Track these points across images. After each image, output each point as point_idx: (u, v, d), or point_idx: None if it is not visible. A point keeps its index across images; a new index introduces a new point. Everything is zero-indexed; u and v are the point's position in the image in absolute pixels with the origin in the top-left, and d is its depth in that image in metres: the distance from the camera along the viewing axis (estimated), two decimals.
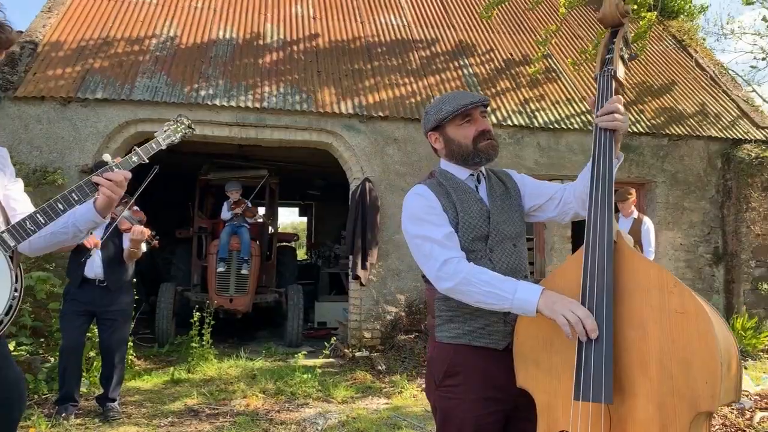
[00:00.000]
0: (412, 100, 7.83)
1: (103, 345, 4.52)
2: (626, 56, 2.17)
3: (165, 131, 2.11)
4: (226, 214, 8.17)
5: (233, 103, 7.13)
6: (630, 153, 8.10)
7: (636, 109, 8.58)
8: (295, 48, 8.42)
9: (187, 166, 9.37)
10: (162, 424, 4.42)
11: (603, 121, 1.93)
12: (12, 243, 1.67)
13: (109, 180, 1.79)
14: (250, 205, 8.33)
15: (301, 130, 7.47)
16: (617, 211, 6.52)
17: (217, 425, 4.39)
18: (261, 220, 9.14)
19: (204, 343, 6.25)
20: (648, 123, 8.35)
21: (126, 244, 4.39)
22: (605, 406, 1.72)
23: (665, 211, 8.20)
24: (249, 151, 9.35)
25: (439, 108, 2.08)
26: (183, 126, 2.17)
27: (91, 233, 4.26)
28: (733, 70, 12.82)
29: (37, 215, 1.71)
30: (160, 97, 6.97)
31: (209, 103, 7.05)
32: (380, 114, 7.50)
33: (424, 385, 5.67)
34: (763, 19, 7.62)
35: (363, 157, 7.45)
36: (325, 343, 6.39)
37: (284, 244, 10.18)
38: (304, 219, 19.16)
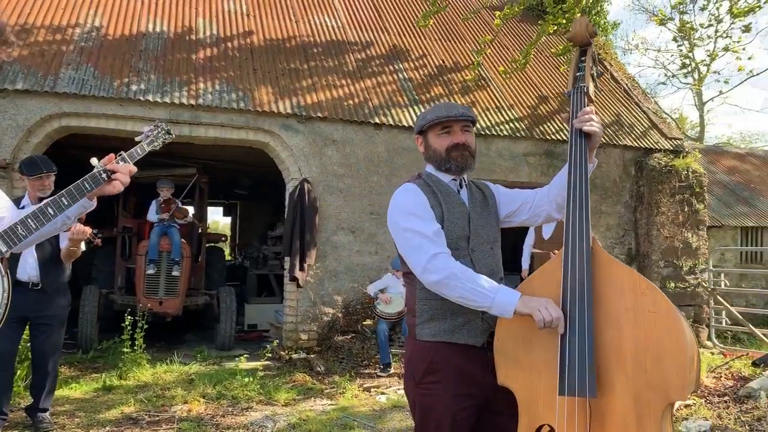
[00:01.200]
0: (350, 102, 7.88)
1: (36, 352, 4.25)
2: (595, 73, 2.35)
3: (148, 137, 2.09)
4: (153, 214, 7.83)
5: (167, 99, 6.89)
6: (554, 159, 8.56)
7: (559, 117, 9.06)
8: (229, 44, 8.25)
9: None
10: None
11: (580, 123, 2.09)
12: (4, 249, 1.59)
13: (122, 173, 1.79)
14: (180, 205, 8.05)
15: (237, 129, 7.33)
16: None
17: None
18: (190, 220, 8.87)
19: (136, 347, 6.01)
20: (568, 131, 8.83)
21: (64, 243, 4.14)
22: (586, 399, 1.85)
23: None
24: (176, 148, 9.05)
25: (424, 115, 2.22)
26: (164, 131, 2.15)
27: None
28: (640, 85, 13.74)
29: (29, 220, 1.66)
30: (88, 90, 6.62)
31: (141, 98, 6.78)
32: (319, 115, 7.49)
33: (365, 384, 5.77)
34: (674, 39, 8.28)
35: (301, 157, 7.41)
36: (267, 345, 6.31)
37: (213, 244, 9.93)
38: (222, 218, 18.73)
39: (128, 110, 6.72)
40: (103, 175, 1.77)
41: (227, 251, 16.36)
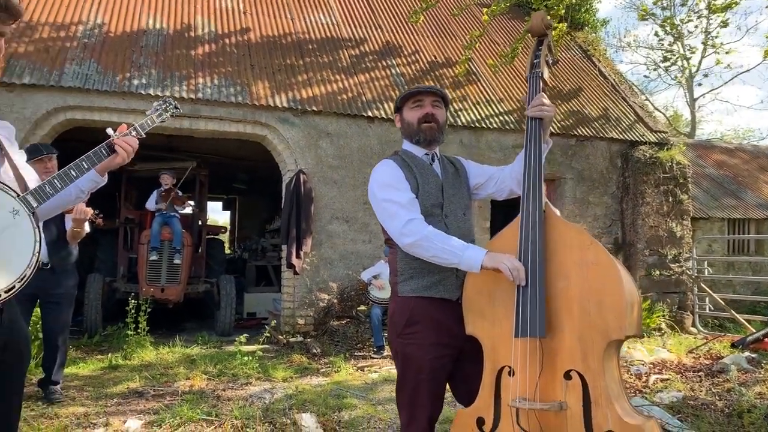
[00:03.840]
0: (344, 96, 8.16)
1: (47, 328, 4.53)
2: (550, 61, 2.64)
3: (157, 110, 2.32)
4: (152, 203, 8.10)
5: (167, 93, 7.16)
6: None
7: None
8: (227, 41, 8.53)
9: None
10: (109, 404, 4.51)
11: (532, 111, 2.39)
12: (35, 204, 1.84)
13: (127, 144, 2.02)
14: (180, 193, 8.34)
15: (235, 122, 7.61)
16: None
17: (166, 403, 4.53)
18: (190, 211, 9.16)
19: (140, 330, 6.29)
20: (558, 124, 9.14)
21: (69, 225, 4.42)
22: (539, 341, 2.14)
23: (573, 205, 9.02)
24: (177, 142, 9.35)
25: (401, 94, 2.53)
26: (171, 106, 2.39)
27: None
28: (629, 80, 14.03)
29: (55, 180, 1.90)
30: (92, 85, 6.90)
31: (143, 92, 7.05)
32: (314, 108, 7.78)
33: (359, 365, 6.06)
34: (656, 34, 8.58)
35: (297, 149, 7.70)
36: (266, 326, 6.58)
37: (213, 236, 10.22)
38: (222, 213, 18.99)
39: (130, 104, 6.99)
40: (110, 145, 2.01)
41: (226, 245, 16.64)
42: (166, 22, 8.46)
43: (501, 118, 8.83)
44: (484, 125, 8.61)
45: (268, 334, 6.28)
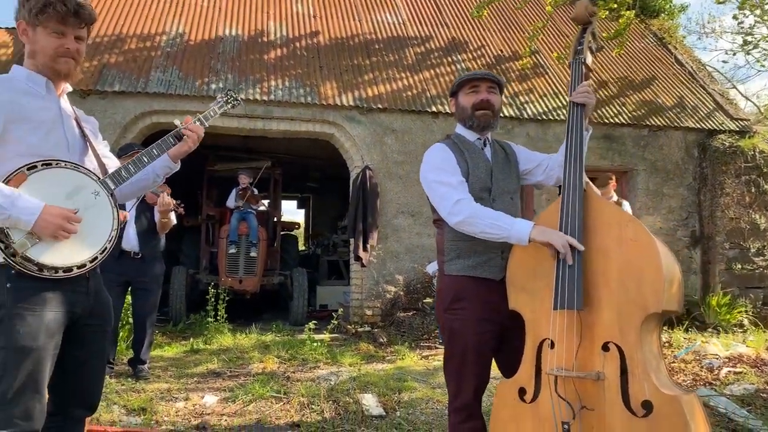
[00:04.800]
0: (409, 93, 8.34)
1: (137, 311, 5.00)
2: (594, 47, 2.71)
3: (219, 103, 2.57)
4: (231, 201, 8.67)
5: (242, 96, 7.59)
6: (613, 143, 8.66)
7: (618, 101, 9.13)
8: (297, 45, 8.91)
9: (190, 157, 9.86)
10: (190, 382, 4.91)
11: (578, 97, 2.45)
12: (113, 186, 2.13)
13: (193, 131, 2.27)
14: (256, 191, 8.83)
15: (305, 122, 7.96)
16: None
17: (240, 382, 4.88)
18: (264, 208, 9.65)
19: (219, 317, 6.74)
20: (630, 115, 8.91)
21: (157, 216, 4.86)
22: (577, 314, 2.22)
23: (646, 197, 8.76)
24: (252, 143, 9.85)
25: (457, 79, 2.65)
26: (233, 98, 2.63)
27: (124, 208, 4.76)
28: (713, 67, 13.39)
29: (129, 165, 2.17)
30: (174, 90, 7.44)
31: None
32: (379, 106, 8.01)
33: (423, 354, 6.21)
34: (734, 17, 8.21)
35: (363, 146, 7.95)
36: (333, 314, 6.88)
37: (287, 232, 10.69)
38: (297, 211, 19.62)
39: (208, 106, 7.45)
40: (178, 134, 2.26)
41: (301, 241, 17.23)
42: (241, 29, 8.95)
43: None
44: (551, 117, 8.54)
45: (335, 322, 6.56)
